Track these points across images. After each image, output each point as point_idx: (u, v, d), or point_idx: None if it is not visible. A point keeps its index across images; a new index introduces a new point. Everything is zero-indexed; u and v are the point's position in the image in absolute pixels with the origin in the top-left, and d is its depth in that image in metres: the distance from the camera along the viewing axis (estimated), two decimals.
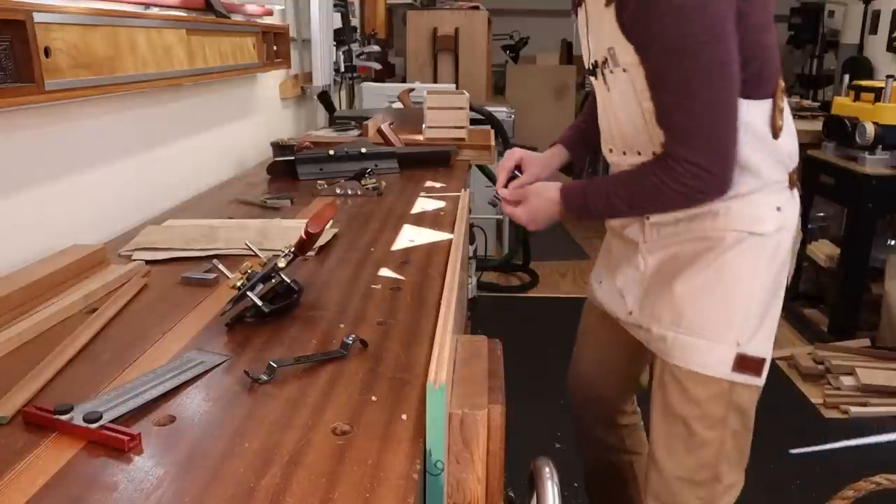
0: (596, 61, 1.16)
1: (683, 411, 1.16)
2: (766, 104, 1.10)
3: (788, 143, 1.15)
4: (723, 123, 1.02)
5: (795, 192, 1.20)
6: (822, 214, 3.48)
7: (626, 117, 1.14)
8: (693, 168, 1.02)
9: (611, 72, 1.12)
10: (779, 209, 1.14)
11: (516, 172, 1.36)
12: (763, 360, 1.14)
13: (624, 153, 1.20)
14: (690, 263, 1.15)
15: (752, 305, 1.12)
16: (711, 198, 1.08)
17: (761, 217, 1.13)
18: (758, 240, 1.12)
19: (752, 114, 1.08)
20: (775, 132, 1.12)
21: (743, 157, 1.07)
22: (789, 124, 1.16)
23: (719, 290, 1.13)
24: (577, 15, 1.24)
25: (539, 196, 1.23)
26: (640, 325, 1.23)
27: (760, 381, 1.15)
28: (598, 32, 1.12)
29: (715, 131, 1.02)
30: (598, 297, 1.38)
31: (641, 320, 1.22)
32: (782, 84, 1.13)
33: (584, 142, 1.41)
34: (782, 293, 1.18)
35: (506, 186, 1.32)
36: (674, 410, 1.18)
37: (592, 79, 1.21)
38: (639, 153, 1.16)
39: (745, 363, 1.12)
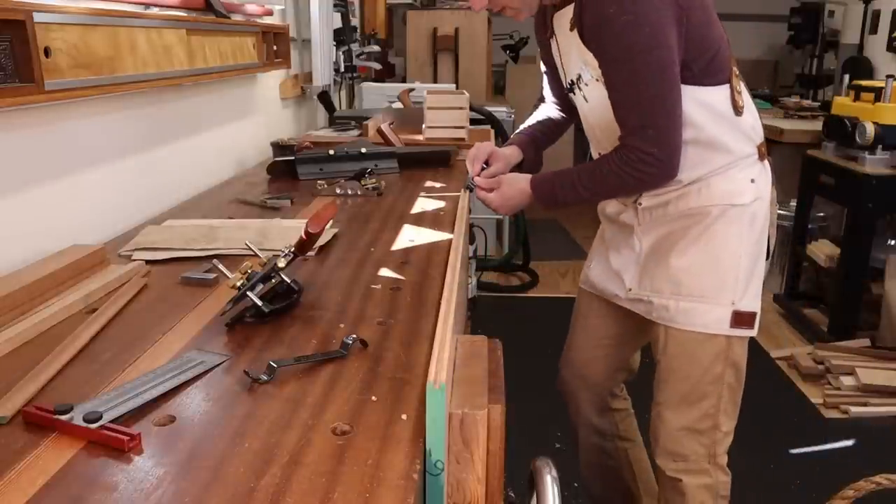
0: (572, 80, 1.34)
1: (688, 371, 1.32)
2: (724, 88, 1.26)
3: (750, 119, 1.30)
4: (667, 116, 1.18)
5: (766, 163, 1.35)
6: (822, 214, 3.48)
7: (607, 122, 1.28)
8: (645, 156, 1.19)
9: (586, 84, 1.29)
10: (753, 181, 1.30)
11: (484, 165, 1.49)
12: (755, 314, 1.32)
13: None
14: (682, 238, 1.31)
15: (739, 268, 1.29)
16: (662, 181, 1.24)
17: (739, 190, 1.28)
18: (738, 210, 1.28)
19: (714, 98, 1.25)
20: (737, 110, 1.27)
21: (712, 136, 1.26)
22: (749, 103, 1.31)
23: (710, 258, 1.29)
24: (549, 45, 1.40)
25: (511, 185, 1.37)
26: (640, 298, 1.37)
27: (754, 331, 1.32)
28: (569, 55, 1.30)
29: (661, 123, 1.18)
30: (590, 279, 1.52)
31: (641, 294, 1.37)
32: (736, 70, 1.28)
33: (535, 147, 1.57)
34: (764, 255, 1.35)
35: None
36: (679, 371, 1.33)
37: (572, 96, 1.37)
38: None
39: (741, 318, 1.30)
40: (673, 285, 1.31)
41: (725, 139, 1.27)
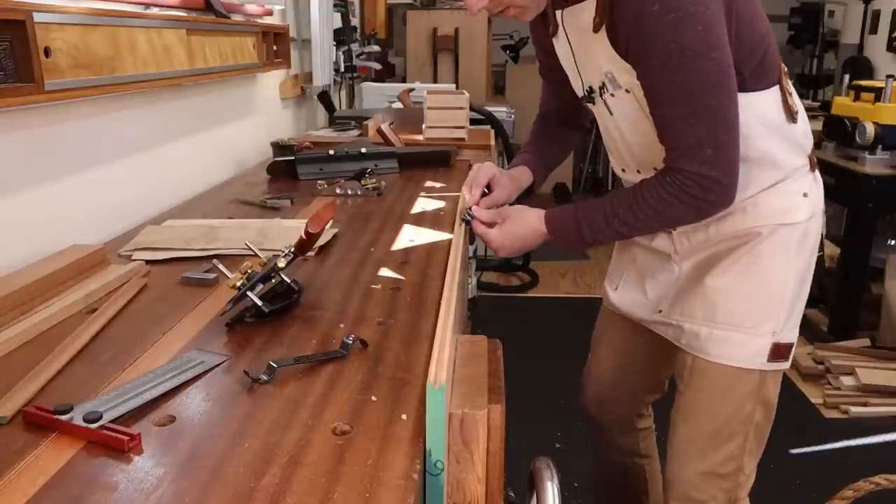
0: (591, 87, 1.15)
1: (715, 409, 1.17)
2: (775, 91, 1.09)
3: (802, 125, 1.15)
4: (726, 131, 1.00)
5: (817, 174, 1.20)
6: None
7: (636, 137, 1.13)
8: (702, 180, 1.01)
9: (612, 95, 1.11)
10: (805, 195, 1.14)
11: (486, 189, 1.27)
12: (793, 345, 1.16)
13: (638, 171, 1.19)
14: (723, 257, 1.15)
15: (785, 294, 1.13)
16: (722, 207, 1.06)
17: (791, 207, 1.13)
18: (789, 229, 1.12)
19: (764, 105, 1.08)
20: (791, 116, 1.12)
21: (761, 149, 1.09)
22: (800, 105, 1.15)
23: (752, 281, 1.12)
24: (550, 47, 1.21)
25: (519, 221, 1.17)
26: (669, 322, 1.22)
27: (788, 364, 1.18)
28: (590, 59, 1.11)
29: (721, 140, 1.00)
30: (613, 302, 1.36)
31: (671, 317, 1.22)
32: (785, 68, 1.12)
33: (545, 167, 1.38)
34: (811, 276, 1.19)
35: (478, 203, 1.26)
36: (704, 409, 1.18)
37: (590, 105, 1.19)
38: (655, 169, 1.11)
39: (779, 351, 1.14)
40: (707, 309, 1.15)
41: (775, 151, 1.10)
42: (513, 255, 1.23)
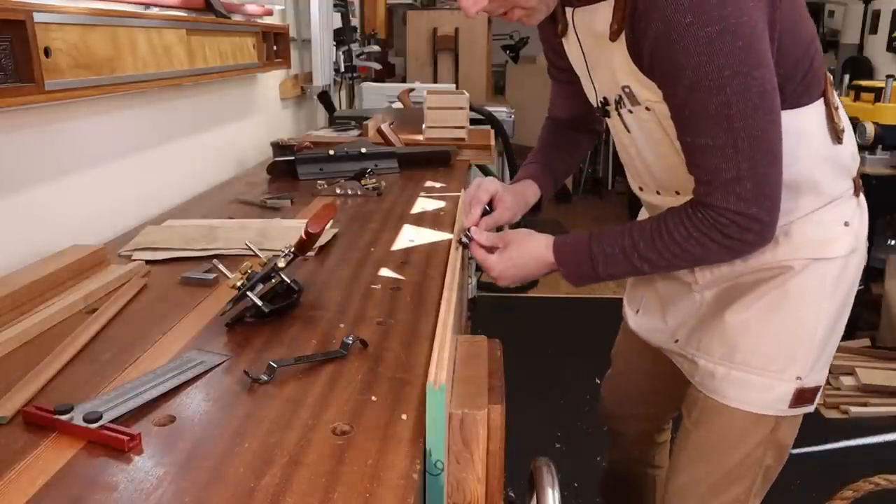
0: (605, 99, 1.02)
1: (723, 453, 1.06)
2: (818, 106, 0.95)
3: (849, 143, 1.01)
4: (768, 162, 0.86)
5: (862, 198, 1.07)
6: None
7: (656, 157, 1.02)
8: (739, 218, 0.88)
9: (629, 111, 0.98)
10: (847, 224, 1.01)
11: (486, 207, 1.13)
12: (819, 388, 1.04)
13: (658, 192, 1.09)
14: (747, 291, 1.02)
15: (815, 337, 1.00)
16: (760, 248, 0.94)
17: (830, 239, 0.99)
18: (825, 264, 0.98)
19: (808, 123, 0.95)
20: (837, 135, 0.97)
21: (801, 174, 0.95)
22: (847, 122, 1.01)
23: (779, 321, 1.00)
24: (559, 47, 1.10)
25: (522, 248, 1.04)
26: (684, 354, 1.12)
27: (812, 407, 1.05)
28: (605, 69, 0.98)
29: (760, 173, 0.86)
30: (633, 326, 1.27)
31: (687, 349, 1.11)
32: (830, 77, 0.98)
33: (553, 179, 1.26)
34: (848, 313, 1.05)
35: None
36: (712, 453, 1.08)
37: (605, 119, 1.08)
38: (677, 193, 1.03)
39: (804, 395, 1.01)
40: (725, 347, 1.03)
41: (818, 176, 0.97)
42: (513, 284, 1.07)
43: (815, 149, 0.96)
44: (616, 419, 1.45)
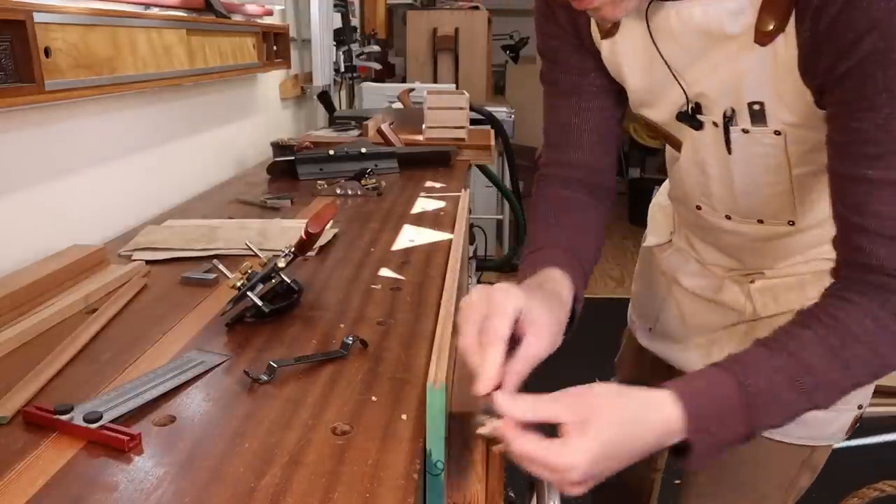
0: (698, 104, 0.82)
1: (760, 482, 0.98)
2: None
3: None
4: None
5: None
6: None
7: (756, 186, 0.84)
8: None
9: (744, 130, 0.79)
10: None
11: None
12: (863, 406, 0.95)
13: (728, 217, 0.92)
14: None
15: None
16: None
17: None
18: None
19: None
20: None
21: None
22: None
23: None
24: (590, 46, 0.88)
25: (627, 429, 0.62)
26: None
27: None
28: (720, 74, 0.77)
29: None
30: (646, 344, 1.17)
31: None
32: None
33: (583, 272, 0.85)
34: None
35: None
36: (748, 480, 0.99)
37: (688, 129, 0.85)
38: (760, 221, 0.89)
39: (857, 420, 0.94)
40: None
41: None
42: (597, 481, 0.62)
43: None
44: None
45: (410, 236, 1.36)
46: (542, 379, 0.75)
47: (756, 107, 0.76)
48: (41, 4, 1.08)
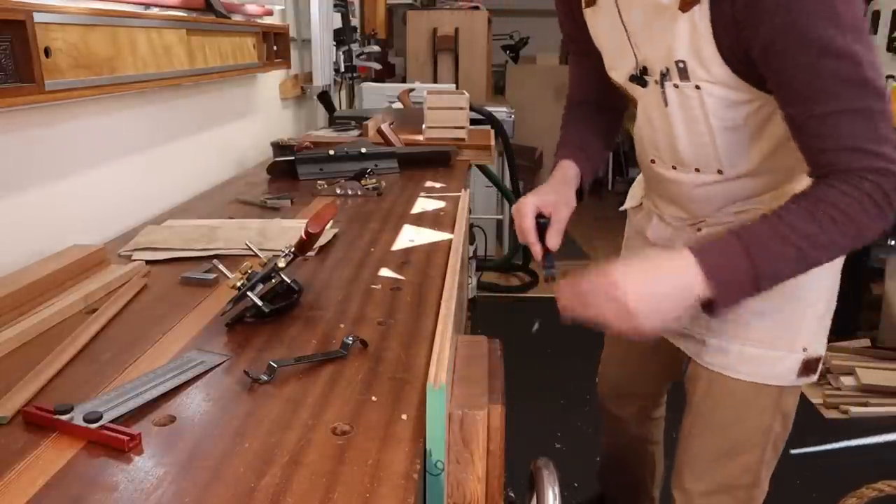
0: (645, 67, 1.02)
1: (733, 424, 1.12)
2: None
3: None
4: (890, 116, 0.83)
5: None
6: None
7: (689, 135, 1.02)
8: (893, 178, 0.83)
9: (675, 86, 0.97)
10: None
11: (539, 220, 1.10)
12: (821, 358, 1.12)
13: (674, 167, 1.10)
14: None
15: (818, 308, 1.09)
16: None
17: None
18: None
19: None
20: None
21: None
22: None
23: (788, 297, 1.05)
24: (580, 18, 1.12)
25: (647, 265, 0.90)
26: (690, 335, 1.15)
27: (815, 377, 1.13)
28: (657, 39, 0.96)
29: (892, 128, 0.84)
30: None
31: (693, 331, 1.14)
32: None
33: (591, 165, 1.21)
34: (839, 280, 1.13)
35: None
36: (721, 424, 1.14)
37: (637, 86, 1.05)
38: (697, 170, 1.06)
39: (809, 366, 1.09)
40: (738, 326, 1.07)
41: None
42: (655, 327, 0.86)
43: None
44: (613, 400, 1.49)
45: (410, 236, 1.36)
46: (544, 369, 0.85)
47: (681, 64, 0.95)
48: (41, 4, 1.08)
